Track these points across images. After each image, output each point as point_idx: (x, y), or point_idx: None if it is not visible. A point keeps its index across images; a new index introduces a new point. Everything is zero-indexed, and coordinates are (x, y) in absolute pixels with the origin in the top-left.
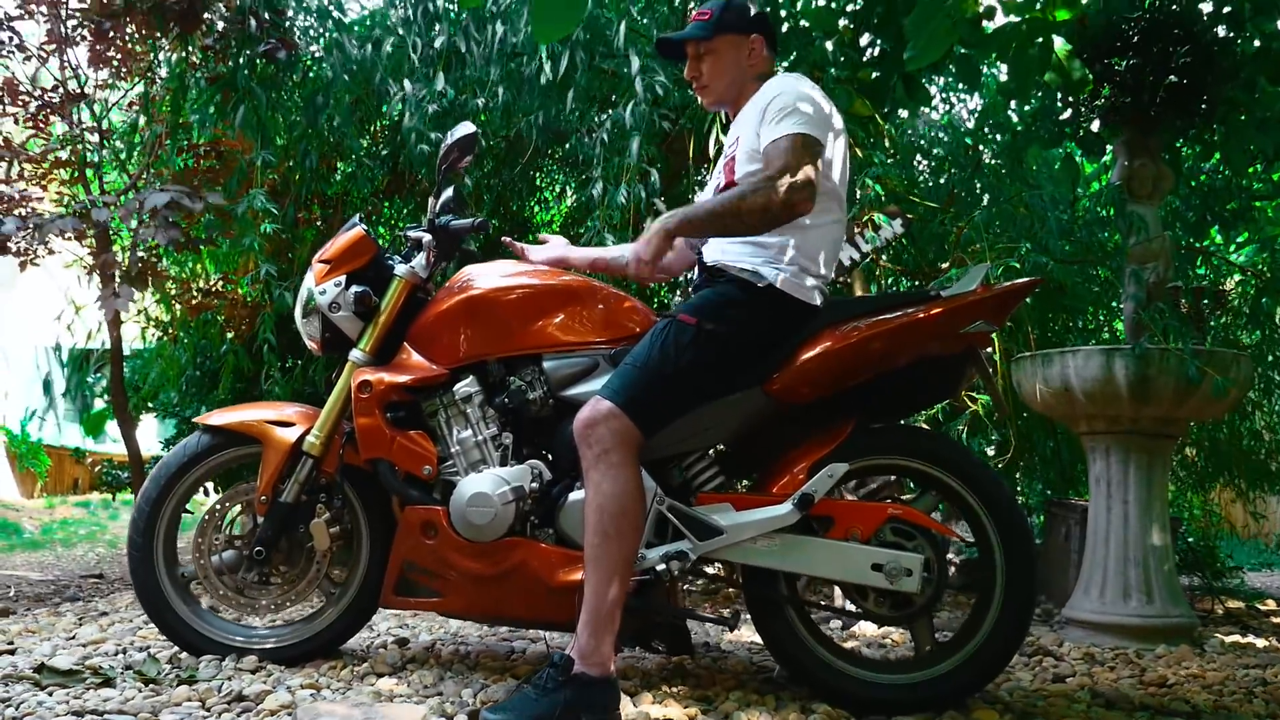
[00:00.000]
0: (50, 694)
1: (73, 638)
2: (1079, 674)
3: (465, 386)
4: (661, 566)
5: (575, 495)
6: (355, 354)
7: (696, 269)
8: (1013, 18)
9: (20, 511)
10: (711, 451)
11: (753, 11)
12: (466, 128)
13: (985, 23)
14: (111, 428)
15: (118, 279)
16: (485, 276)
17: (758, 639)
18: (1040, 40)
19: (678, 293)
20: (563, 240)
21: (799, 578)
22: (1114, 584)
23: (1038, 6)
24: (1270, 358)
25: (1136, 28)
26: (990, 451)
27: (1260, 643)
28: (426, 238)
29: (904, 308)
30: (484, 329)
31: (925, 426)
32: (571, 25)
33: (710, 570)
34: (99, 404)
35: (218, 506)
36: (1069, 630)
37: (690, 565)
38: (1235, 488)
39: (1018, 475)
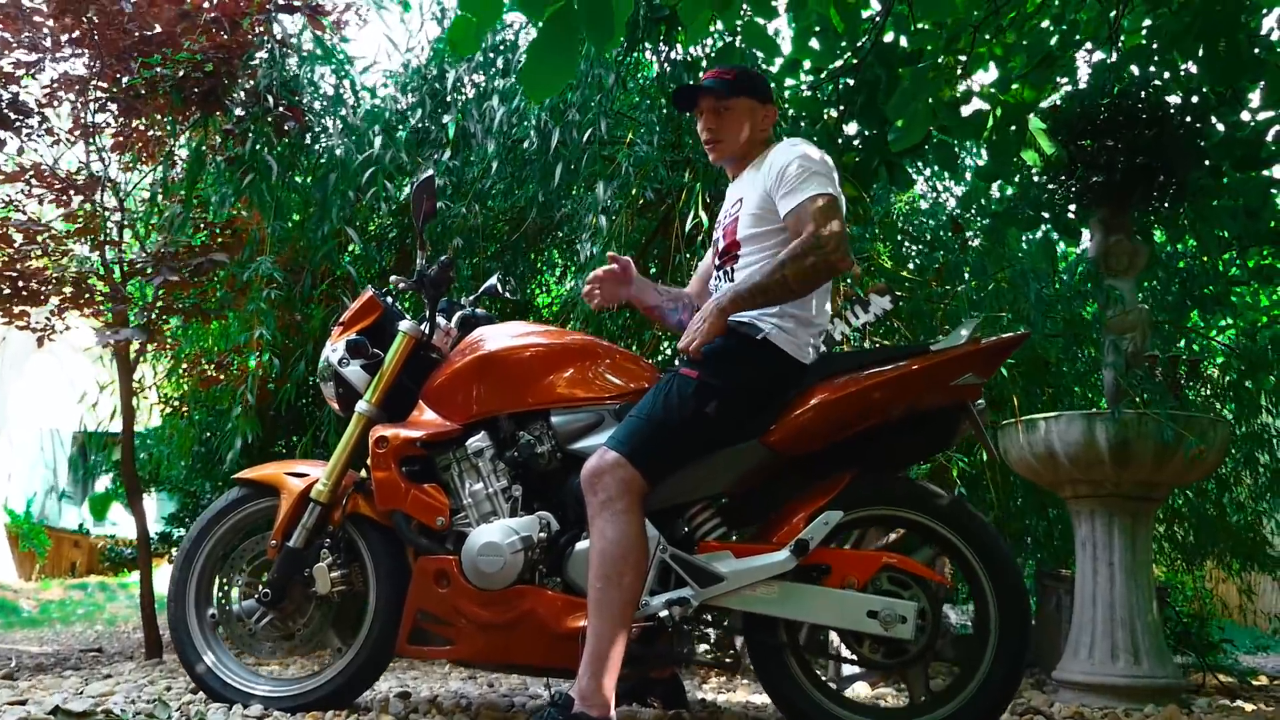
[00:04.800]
0: None
1: (80, 693)
2: None
3: (477, 441)
4: (664, 613)
5: (582, 545)
6: (361, 405)
7: None
8: (985, 105)
9: (18, 592)
10: (714, 504)
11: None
12: (425, 173)
13: (962, 108)
14: (114, 511)
15: (130, 321)
16: (496, 337)
17: (753, 699)
18: (1015, 124)
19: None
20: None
21: (799, 625)
22: (1102, 645)
23: (1013, 86)
24: (1246, 428)
25: (1106, 112)
26: None
27: (1249, 707)
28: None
29: (895, 361)
30: (495, 386)
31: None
32: (558, 87)
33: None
34: (104, 483)
35: (242, 551)
36: (1060, 693)
37: (691, 611)
38: (1224, 566)
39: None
